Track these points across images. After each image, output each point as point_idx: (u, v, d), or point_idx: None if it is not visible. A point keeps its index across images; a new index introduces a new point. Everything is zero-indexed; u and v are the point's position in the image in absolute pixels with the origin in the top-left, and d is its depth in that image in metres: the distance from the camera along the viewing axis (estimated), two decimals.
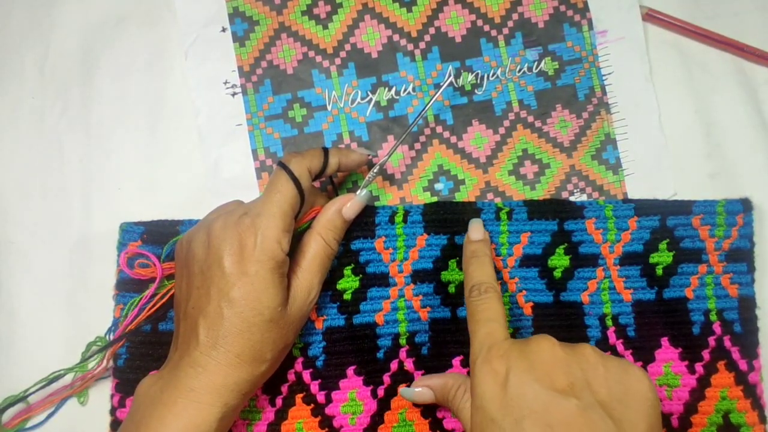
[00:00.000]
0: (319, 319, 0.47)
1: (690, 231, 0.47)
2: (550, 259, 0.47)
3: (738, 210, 0.47)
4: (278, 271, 0.40)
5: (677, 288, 0.47)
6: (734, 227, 0.47)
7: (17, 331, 0.49)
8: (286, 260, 0.41)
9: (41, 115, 0.51)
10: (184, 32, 0.51)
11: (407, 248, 0.47)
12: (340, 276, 0.47)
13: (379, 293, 0.47)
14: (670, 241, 0.47)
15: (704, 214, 0.47)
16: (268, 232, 0.40)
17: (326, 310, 0.47)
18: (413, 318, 0.47)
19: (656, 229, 0.47)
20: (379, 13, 0.51)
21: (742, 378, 0.46)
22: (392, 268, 0.47)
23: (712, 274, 0.47)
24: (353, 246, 0.47)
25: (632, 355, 0.47)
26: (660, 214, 0.47)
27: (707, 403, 0.46)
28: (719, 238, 0.47)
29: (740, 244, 0.47)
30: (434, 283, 0.47)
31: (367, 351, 0.47)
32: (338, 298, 0.47)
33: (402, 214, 0.47)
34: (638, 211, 0.47)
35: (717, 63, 0.51)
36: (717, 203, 0.47)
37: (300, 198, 0.42)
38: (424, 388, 0.44)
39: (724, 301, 0.47)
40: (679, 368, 0.46)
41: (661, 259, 0.47)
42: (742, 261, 0.47)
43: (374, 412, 0.46)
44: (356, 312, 0.47)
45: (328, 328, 0.47)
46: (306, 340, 0.47)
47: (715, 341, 0.47)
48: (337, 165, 0.45)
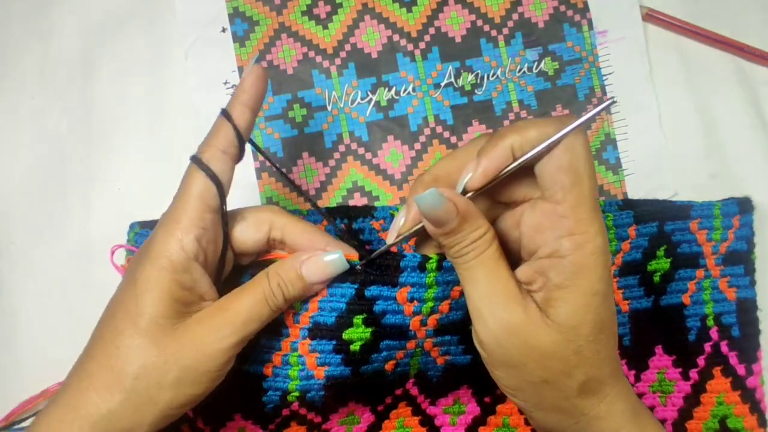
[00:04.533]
0: (320, 369, 0.39)
1: (687, 235, 0.46)
2: None
3: (734, 212, 0.47)
4: (171, 274, 0.33)
5: (674, 294, 0.46)
6: (731, 230, 0.47)
7: (17, 331, 0.49)
8: (191, 265, 0.34)
9: (41, 116, 0.51)
10: (184, 32, 0.51)
11: (437, 302, 0.38)
12: (348, 325, 0.38)
13: (394, 345, 0.39)
14: (668, 247, 0.46)
15: (701, 217, 0.46)
16: (166, 227, 0.34)
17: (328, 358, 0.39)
18: (427, 361, 0.41)
19: (654, 236, 0.46)
20: (379, 13, 0.51)
21: (739, 383, 0.46)
22: (414, 322, 0.38)
23: (709, 278, 0.46)
24: (368, 292, 0.38)
25: (626, 364, 0.46)
26: (658, 219, 0.46)
27: (703, 408, 0.46)
28: (716, 241, 0.46)
29: (737, 247, 0.47)
30: (460, 334, 0.40)
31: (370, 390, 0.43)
32: (343, 349, 0.38)
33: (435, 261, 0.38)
34: (637, 218, 0.46)
35: (717, 63, 0.51)
36: (714, 205, 0.47)
37: (215, 183, 0.35)
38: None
39: (722, 305, 0.46)
40: (673, 375, 0.46)
41: (658, 266, 0.46)
42: (739, 263, 0.46)
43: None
44: (365, 362, 0.39)
45: (329, 377, 0.39)
46: (303, 387, 0.39)
47: (712, 347, 0.46)
48: (249, 115, 0.36)
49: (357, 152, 0.50)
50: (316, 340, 0.37)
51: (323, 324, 0.37)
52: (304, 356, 0.38)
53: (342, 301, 0.37)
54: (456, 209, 0.32)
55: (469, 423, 0.46)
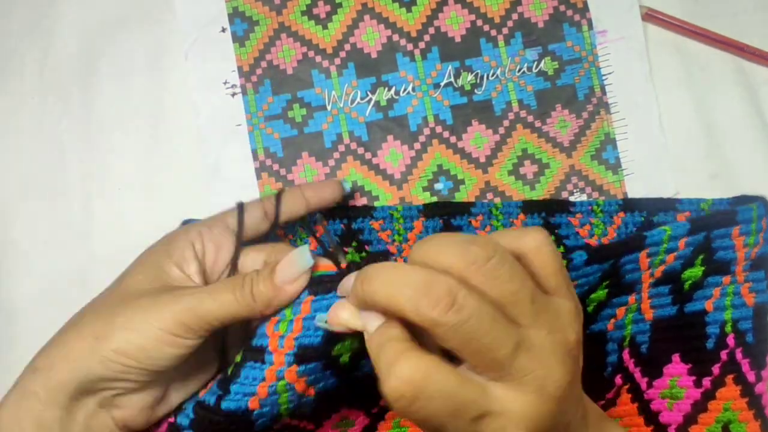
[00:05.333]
0: (310, 388, 0.37)
1: (727, 241, 0.43)
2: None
3: (762, 214, 0.44)
4: (165, 246, 0.39)
5: (699, 301, 0.44)
6: (761, 233, 0.44)
7: (17, 331, 0.49)
8: (185, 245, 0.39)
9: (41, 115, 0.51)
10: (184, 32, 0.51)
11: None
12: (337, 340, 0.36)
13: None
14: (706, 256, 0.44)
15: (742, 222, 0.43)
16: (180, 229, 0.41)
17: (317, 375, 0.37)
18: None
19: (701, 245, 0.43)
20: (379, 13, 0.51)
21: (748, 390, 0.44)
22: None
23: (734, 283, 0.44)
24: None
25: (640, 372, 0.45)
26: (705, 229, 0.43)
27: (708, 415, 0.44)
28: (750, 246, 0.44)
29: (765, 250, 0.44)
30: None
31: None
32: (333, 363, 0.37)
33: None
34: (691, 230, 0.43)
35: (717, 63, 0.51)
36: (752, 209, 0.44)
37: (239, 209, 0.41)
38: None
39: (740, 310, 0.44)
40: (686, 383, 0.45)
41: (692, 274, 0.44)
42: (761, 268, 0.44)
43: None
44: (355, 369, 0.38)
45: (319, 392, 0.38)
46: (294, 406, 0.38)
47: (728, 355, 0.44)
48: (297, 205, 0.43)
49: (357, 152, 0.50)
50: (303, 365, 0.35)
51: (310, 346, 0.35)
52: (292, 383, 0.36)
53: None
54: None
55: None
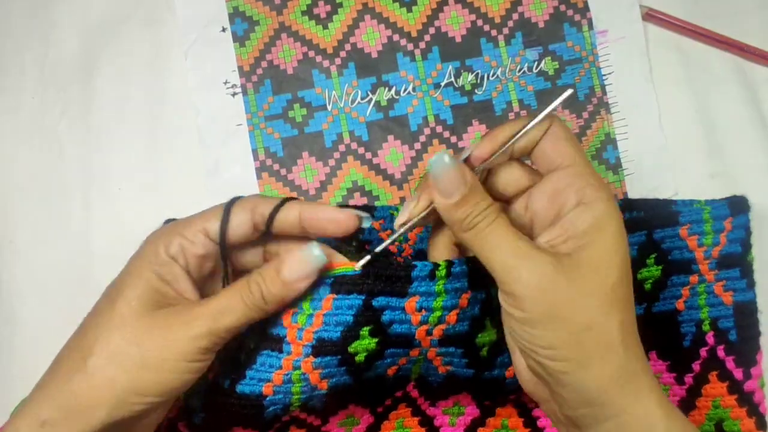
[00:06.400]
0: (323, 381, 0.38)
1: (678, 242, 0.46)
2: None
3: (725, 214, 0.45)
4: (151, 265, 0.35)
5: (667, 301, 0.46)
6: (722, 233, 0.45)
7: (17, 331, 0.49)
8: (170, 261, 0.36)
9: (41, 115, 0.51)
10: (184, 32, 0.51)
11: (445, 311, 0.38)
12: (354, 338, 0.37)
13: (398, 352, 0.39)
14: (658, 255, 0.46)
15: (691, 223, 0.45)
16: (162, 230, 0.37)
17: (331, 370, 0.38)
18: (429, 367, 0.41)
19: (643, 244, 0.45)
20: (379, 13, 0.51)
21: (736, 387, 0.45)
22: (420, 331, 0.38)
23: (704, 283, 0.46)
24: (375, 303, 0.37)
25: None
26: (646, 228, 0.45)
27: (698, 412, 0.45)
28: (708, 246, 0.45)
29: (730, 250, 0.45)
30: (464, 348, 0.39)
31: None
32: (348, 361, 0.38)
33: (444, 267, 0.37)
34: (626, 228, 0.45)
35: (717, 63, 0.51)
36: (702, 210, 0.46)
37: (223, 220, 0.36)
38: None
39: (718, 309, 0.45)
40: (668, 380, 0.46)
41: (649, 274, 0.46)
42: (734, 266, 0.45)
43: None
44: (368, 370, 0.39)
45: (331, 387, 0.39)
46: (305, 398, 0.39)
47: (708, 352, 0.45)
48: (295, 220, 0.37)
49: (357, 152, 0.50)
50: (320, 357, 0.36)
51: (328, 340, 0.36)
52: (307, 374, 0.37)
53: (349, 313, 0.36)
54: (466, 174, 0.34)
55: (468, 424, 0.46)
